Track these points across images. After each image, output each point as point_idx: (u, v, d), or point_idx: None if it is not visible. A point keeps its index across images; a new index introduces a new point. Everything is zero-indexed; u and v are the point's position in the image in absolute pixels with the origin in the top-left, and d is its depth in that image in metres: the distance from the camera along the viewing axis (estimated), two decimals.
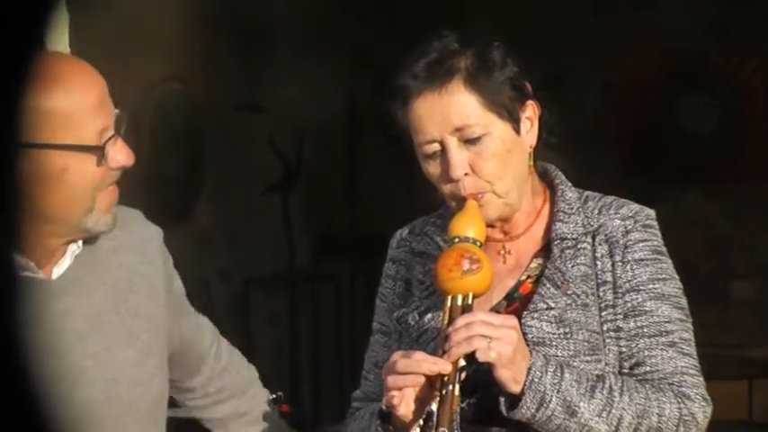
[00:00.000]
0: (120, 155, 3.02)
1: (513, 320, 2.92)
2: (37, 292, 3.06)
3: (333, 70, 8.47)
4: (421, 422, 2.89)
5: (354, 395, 3.31)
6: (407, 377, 2.86)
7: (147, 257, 3.31)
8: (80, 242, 3.15)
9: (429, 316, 3.05)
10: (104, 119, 3.00)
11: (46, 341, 3.03)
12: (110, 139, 3.00)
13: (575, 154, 3.39)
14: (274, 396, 3.82)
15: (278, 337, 8.92)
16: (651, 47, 9.76)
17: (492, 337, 2.81)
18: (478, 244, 2.95)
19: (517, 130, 3.09)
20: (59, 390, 3.01)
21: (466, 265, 2.88)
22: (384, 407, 2.94)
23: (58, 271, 3.12)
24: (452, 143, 3.02)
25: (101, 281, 3.18)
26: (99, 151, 2.96)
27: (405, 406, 2.86)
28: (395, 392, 2.86)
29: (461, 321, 2.83)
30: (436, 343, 2.93)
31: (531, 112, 3.14)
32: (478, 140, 3.02)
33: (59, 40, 4.04)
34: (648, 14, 9.47)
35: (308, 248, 8.41)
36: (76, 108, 2.97)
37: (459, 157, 3.01)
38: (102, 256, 3.20)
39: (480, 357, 2.81)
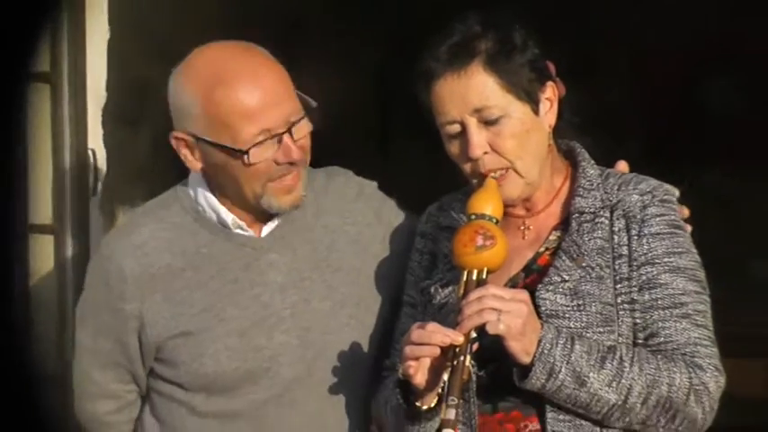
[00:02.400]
0: (283, 155, 3.15)
1: (523, 294, 2.98)
2: (246, 246, 3.30)
3: (363, 57, 8.45)
4: (440, 391, 2.95)
5: (384, 364, 3.35)
6: (423, 348, 2.91)
7: (351, 217, 3.45)
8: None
9: (450, 288, 3.09)
10: (265, 122, 3.12)
11: (251, 290, 3.28)
12: (266, 138, 3.12)
13: (601, 133, 3.44)
14: None
15: None
16: (681, 30, 9.74)
17: (502, 311, 2.86)
18: (494, 221, 3.00)
19: (536, 111, 3.13)
20: (260, 333, 3.25)
21: (480, 241, 2.94)
22: (401, 376, 3.00)
23: (266, 230, 3.31)
24: (472, 123, 3.06)
25: (304, 240, 3.34)
26: (240, 154, 3.09)
27: (420, 375, 2.92)
28: (411, 362, 2.92)
29: (473, 295, 2.89)
30: (453, 316, 2.97)
31: (550, 93, 3.18)
32: (497, 121, 3.06)
33: (97, 17, 4.10)
34: None
35: None
36: (231, 113, 3.11)
37: (479, 138, 3.05)
38: (307, 218, 3.36)
39: (490, 330, 2.86)
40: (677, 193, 3.27)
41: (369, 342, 3.41)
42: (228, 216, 3.26)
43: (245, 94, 3.13)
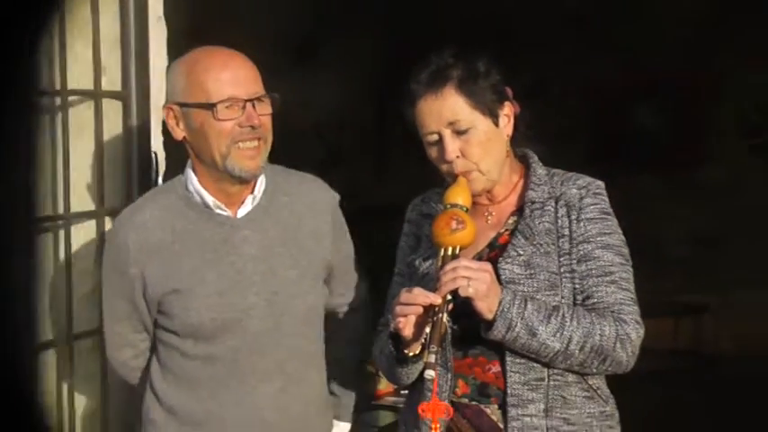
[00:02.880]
0: (245, 119, 3.19)
1: (488, 265, 3.02)
2: (223, 224, 3.31)
3: (365, 74, 8.41)
4: (423, 341, 2.99)
5: (380, 321, 3.38)
6: (410, 307, 2.96)
7: (315, 212, 3.47)
8: (258, 192, 3.34)
9: (430, 262, 3.13)
10: (231, 90, 3.17)
11: (229, 259, 3.31)
12: (221, 103, 3.17)
13: (549, 143, 3.49)
14: None
15: None
16: (621, 61, 9.79)
17: (471, 278, 2.92)
18: (465, 209, 3.06)
19: (497, 124, 3.17)
20: (234, 293, 3.28)
21: (454, 225, 2.99)
22: (393, 330, 3.05)
23: (241, 212, 3.32)
24: (447, 134, 3.11)
25: (275, 222, 3.35)
26: (211, 108, 3.13)
27: (408, 329, 2.96)
28: (400, 319, 2.97)
29: (449, 267, 2.94)
30: (433, 282, 3.01)
31: (508, 111, 3.21)
32: (466, 132, 3.10)
33: (159, 51, 4.14)
34: (621, 33, 9.50)
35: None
36: (211, 79, 3.18)
37: (452, 145, 3.10)
38: (277, 205, 3.38)
39: (461, 293, 2.92)
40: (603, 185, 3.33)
41: (322, 301, 3.48)
42: (210, 199, 3.29)
43: (219, 69, 3.20)
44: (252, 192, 3.35)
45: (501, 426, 3.12)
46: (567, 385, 3.13)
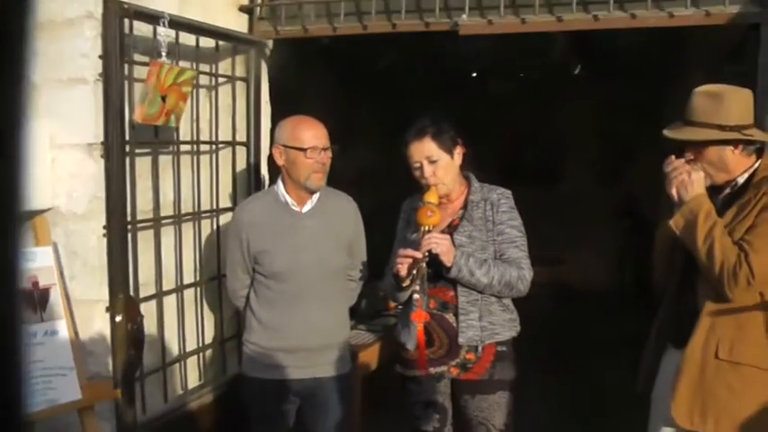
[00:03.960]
0: (316, 157, 3.27)
1: (448, 237, 3.12)
2: (295, 216, 3.34)
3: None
4: (411, 278, 3.08)
5: (387, 267, 3.38)
6: (404, 258, 3.07)
7: (346, 212, 3.51)
8: (315, 198, 3.37)
9: (415, 234, 3.13)
10: (313, 142, 3.26)
11: (296, 235, 3.31)
12: (314, 150, 3.26)
13: (479, 168, 3.57)
14: None
15: None
16: (518, 121, 9.89)
17: (439, 243, 3.03)
18: (435, 205, 3.13)
19: (452, 158, 3.24)
20: (297, 254, 3.29)
21: (429, 213, 3.08)
22: (394, 271, 3.14)
23: (305, 208, 3.36)
24: (425, 163, 3.20)
25: (322, 216, 3.37)
26: (304, 152, 3.27)
27: (403, 271, 3.08)
28: (399, 266, 3.09)
29: (426, 237, 3.04)
30: (417, 245, 3.07)
31: (459, 150, 3.26)
32: (436, 162, 3.19)
33: (264, 105, 4.22)
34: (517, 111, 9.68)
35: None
36: (303, 135, 3.27)
37: (428, 170, 3.19)
38: (327, 206, 3.40)
39: (434, 250, 3.03)
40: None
41: (347, 266, 3.49)
42: (289, 200, 3.32)
43: (308, 129, 3.28)
44: (311, 198, 3.38)
45: (455, 326, 3.20)
46: (490, 303, 3.22)
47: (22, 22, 0.52)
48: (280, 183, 3.39)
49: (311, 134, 3.29)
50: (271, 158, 3.41)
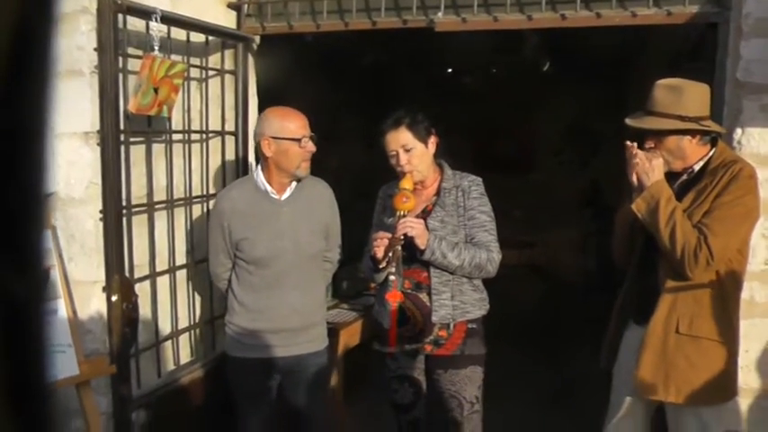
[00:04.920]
0: (308, 146, 3.25)
1: (422, 221, 3.13)
2: (274, 203, 3.30)
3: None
4: (387, 259, 3.10)
5: (365, 249, 3.38)
6: (382, 240, 3.09)
7: (322, 197, 3.46)
8: (293, 185, 3.33)
9: (392, 218, 3.15)
10: (303, 132, 3.24)
11: (275, 222, 3.27)
12: (305, 139, 3.23)
13: (453, 156, 3.58)
14: None
15: None
16: (492, 119, 9.91)
17: (413, 227, 3.05)
18: (410, 191, 3.14)
19: (426, 147, 3.25)
20: (275, 240, 3.26)
21: (404, 199, 3.10)
22: (372, 253, 3.17)
23: (284, 195, 3.32)
24: (401, 151, 3.21)
25: (299, 202, 3.33)
26: (298, 142, 3.21)
27: (380, 252, 3.10)
28: (376, 247, 3.11)
29: (402, 221, 3.06)
30: (393, 229, 3.09)
31: (433, 140, 3.27)
32: (411, 150, 3.20)
33: (252, 96, 4.23)
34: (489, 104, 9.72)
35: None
36: (292, 126, 3.23)
37: (404, 157, 3.20)
38: (304, 192, 3.37)
39: (409, 233, 3.05)
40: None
41: (324, 249, 3.47)
42: (268, 188, 3.29)
43: (295, 120, 3.25)
44: (290, 185, 3.35)
45: (428, 305, 3.20)
46: (462, 283, 3.23)
47: (47, 17, 0.51)
48: (259, 171, 3.37)
49: (300, 124, 3.27)
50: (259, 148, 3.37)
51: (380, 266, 3.17)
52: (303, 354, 3.40)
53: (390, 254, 3.07)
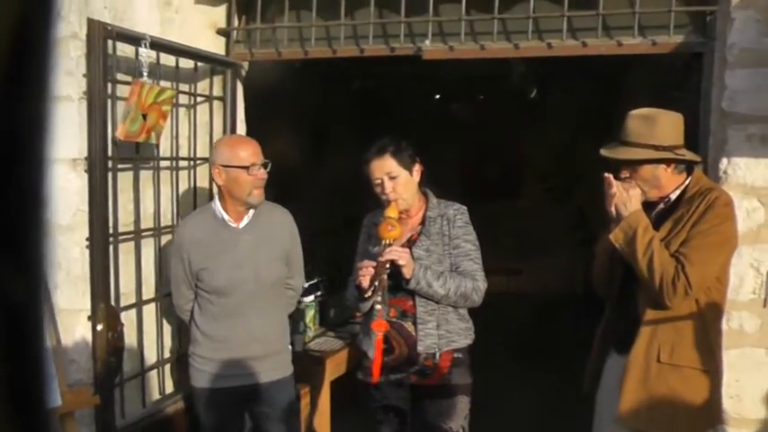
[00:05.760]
0: (258, 174, 3.21)
1: (407, 250, 3.12)
2: (232, 232, 3.27)
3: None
4: (372, 288, 3.06)
5: (350, 278, 3.35)
6: (367, 269, 3.06)
7: (282, 224, 3.44)
8: (251, 213, 3.30)
9: (378, 247, 3.13)
10: (253, 159, 3.20)
11: (234, 251, 3.24)
12: (254, 167, 3.19)
13: (439, 185, 3.58)
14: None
15: None
16: (478, 146, 9.98)
17: (400, 256, 3.03)
18: (395, 219, 3.13)
19: (411, 175, 3.25)
20: (235, 269, 3.22)
21: (390, 228, 3.08)
22: (357, 282, 3.14)
23: (242, 224, 3.30)
24: (386, 179, 3.20)
25: (261, 230, 3.32)
26: (246, 169, 3.17)
27: (364, 281, 3.07)
28: (361, 276, 3.09)
29: (387, 249, 3.05)
30: (378, 257, 3.07)
31: (417, 168, 3.27)
32: (396, 178, 3.19)
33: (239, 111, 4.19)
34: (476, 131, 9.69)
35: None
36: (242, 154, 3.19)
37: (389, 185, 3.19)
38: (262, 219, 3.34)
39: (396, 261, 3.03)
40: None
41: (285, 276, 3.45)
42: (226, 216, 3.28)
43: (245, 148, 3.22)
44: (248, 213, 3.32)
45: (414, 334, 3.19)
46: (447, 312, 3.22)
47: (46, 34, 0.52)
48: (216, 200, 3.35)
49: (250, 152, 3.24)
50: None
51: (366, 296, 3.14)
52: (267, 382, 3.37)
53: (376, 283, 3.05)
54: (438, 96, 9.90)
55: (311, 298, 4.62)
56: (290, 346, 3.59)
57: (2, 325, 0.51)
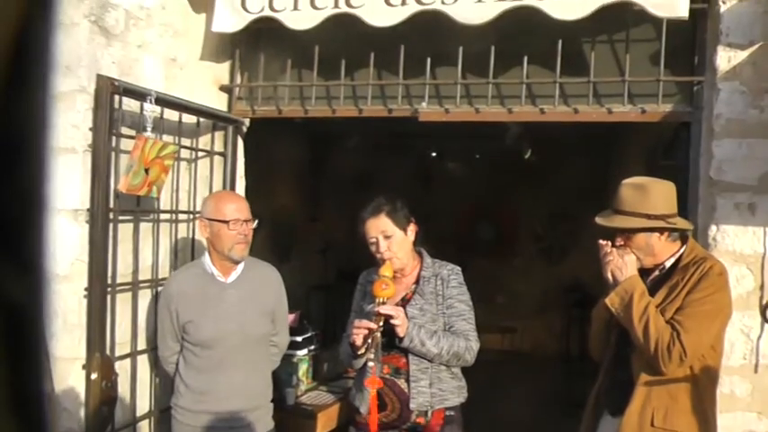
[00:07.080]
0: (239, 229, 3.25)
1: (401, 308, 3.13)
2: (220, 286, 3.30)
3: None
4: (366, 346, 3.05)
5: (344, 335, 3.37)
6: (360, 328, 3.07)
7: (269, 281, 3.48)
8: (239, 268, 3.34)
9: (372, 305, 3.14)
10: (235, 215, 3.25)
11: (220, 304, 3.25)
12: (237, 222, 3.24)
13: (433, 244, 3.59)
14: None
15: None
16: (468, 200, 10.06)
17: (393, 316, 3.05)
18: (390, 278, 3.14)
19: (406, 234, 3.27)
20: (221, 322, 3.24)
21: (384, 286, 3.09)
22: (351, 340, 3.15)
23: (230, 278, 3.33)
24: (380, 238, 3.22)
25: (246, 285, 3.34)
26: (227, 224, 3.22)
27: (358, 340, 3.08)
28: (354, 335, 3.10)
29: (382, 307, 3.06)
30: (372, 315, 3.08)
31: (412, 227, 3.30)
32: (390, 237, 3.22)
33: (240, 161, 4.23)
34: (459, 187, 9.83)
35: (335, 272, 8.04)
36: (225, 209, 3.24)
37: (384, 245, 3.21)
38: (251, 275, 3.38)
39: (391, 321, 3.05)
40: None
41: (270, 332, 3.47)
42: (215, 271, 3.31)
43: (230, 202, 3.28)
44: (236, 268, 3.35)
45: (407, 392, 3.19)
46: (440, 371, 3.21)
47: (47, 31, 0.51)
48: (206, 254, 3.39)
49: (233, 207, 3.29)
50: None
51: (359, 353, 3.16)
52: None
53: (369, 340, 3.06)
54: (434, 154, 9.97)
55: (305, 351, 4.62)
56: (271, 403, 3.58)
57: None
